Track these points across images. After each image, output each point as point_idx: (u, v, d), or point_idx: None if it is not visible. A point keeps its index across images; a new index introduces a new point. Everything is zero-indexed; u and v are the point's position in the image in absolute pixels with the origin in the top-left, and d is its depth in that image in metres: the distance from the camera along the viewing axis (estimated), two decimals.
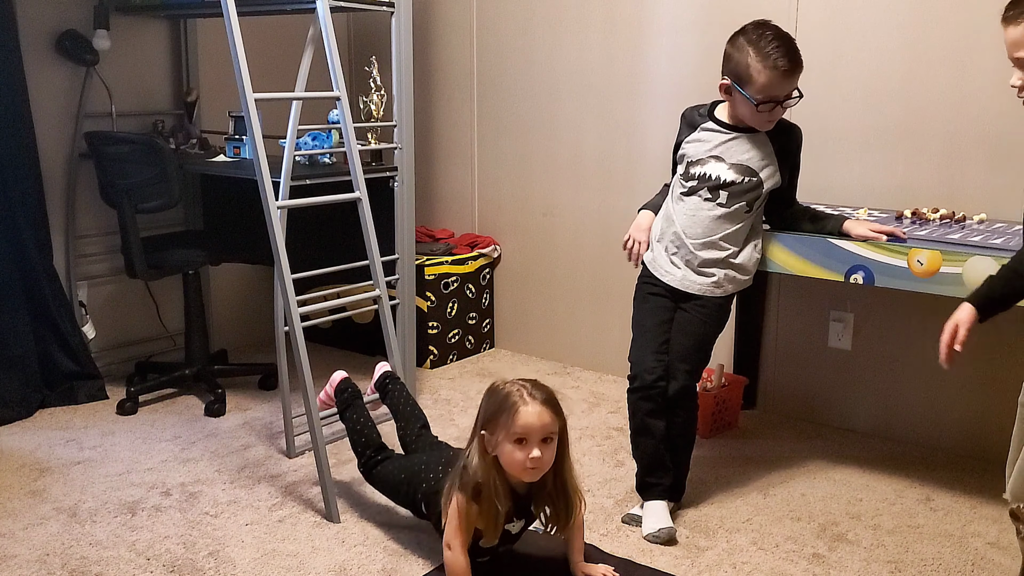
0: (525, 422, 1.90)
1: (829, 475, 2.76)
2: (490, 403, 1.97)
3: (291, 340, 2.48)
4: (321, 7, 2.63)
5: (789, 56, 2.26)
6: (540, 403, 1.93)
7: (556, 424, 1.95)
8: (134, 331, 3.66)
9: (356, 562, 2.24)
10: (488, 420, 1.95)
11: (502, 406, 1.93)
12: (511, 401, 1.92)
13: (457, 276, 3.81)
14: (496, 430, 1.93)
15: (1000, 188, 2.73)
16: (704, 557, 2.28)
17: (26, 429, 3.07)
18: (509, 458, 1.93)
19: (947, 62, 2.78)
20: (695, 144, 2.44)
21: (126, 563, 2.22)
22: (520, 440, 1.91)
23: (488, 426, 1.95)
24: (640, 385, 2.39)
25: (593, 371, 3.71)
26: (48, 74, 3.26)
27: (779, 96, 2.29)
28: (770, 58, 2.24)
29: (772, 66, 2.24)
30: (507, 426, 1.91)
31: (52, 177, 3.31)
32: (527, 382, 1.97)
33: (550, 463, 1.96)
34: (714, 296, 2.42)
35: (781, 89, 2.29)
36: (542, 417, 1.92)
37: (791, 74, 2.27)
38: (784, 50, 2.26)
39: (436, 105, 4.03)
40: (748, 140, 2.39)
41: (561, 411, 1.98)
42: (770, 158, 2.39)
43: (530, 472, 1.94)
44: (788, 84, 2.29)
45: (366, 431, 2.43)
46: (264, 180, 2.42)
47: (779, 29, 2.30)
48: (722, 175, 2.38)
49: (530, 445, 1.91)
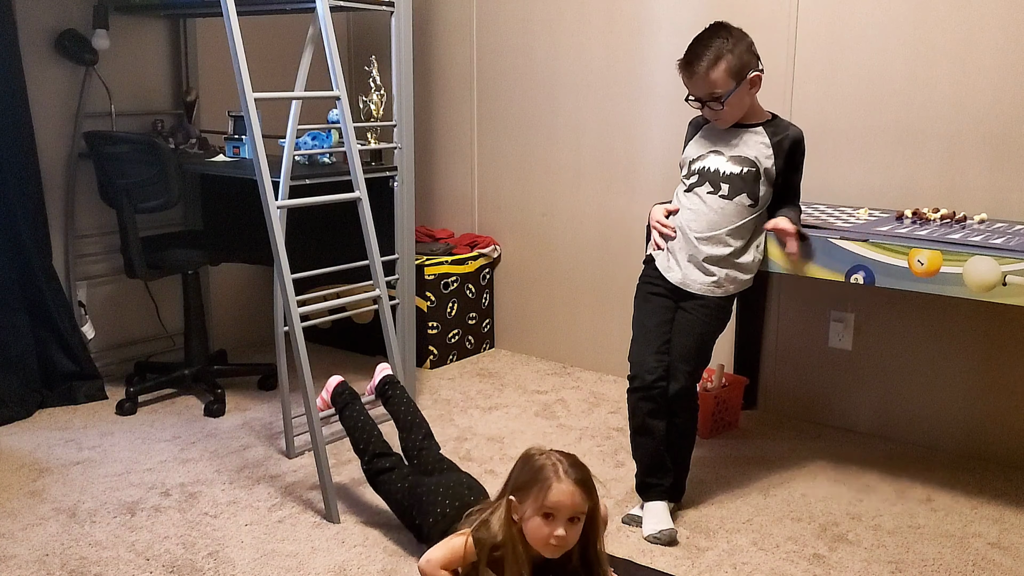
0: (556, 500, 1.86)
1: (830, 475, 2.76)
2: (523, 471, 1.94)
3: (291, 340, 2.48)
4: (321, 7, 2.62)
5: (690, 57, 2.33)
6: (573, 482, 1.89)
7: (586, 504, 1.91)
8: (133, 331, 3.65)
9: (356, 563, 2.23)
10: (519, 488, 1.92)
11: (535, 478, 1.89)
12: (544, 475, 1.88)
13: (457, 276, 3.80)
14: (525, 500, 1.90)
15: (1001, 188, 2.73)
16: (704, 558, 2.27)
17: (25, 429, 3.06)
18: (534, 531, 1.90)
19: (948, 62, 2.78)
20: (697, 143, 2.48)
21: (125, 563, 2.22)
22: (548, 515, 1.88)
23: (518, 494, 1.92)
24: (640, 385, 2.38)
25: (593, 371, 3.71)
26: (47, 74, 3.25)
27: (697, 95, 2.35)
28: (682, 59, 2.36)
29: (678, 67, 2.37)
30: (537, 499, 1.88)
31: (51, 177, 3.30)
32: (564, 457, 1.93)
33: (573, 543, 1.93)
34: (714, 296, 2.42)
35: (691, 88, 2.36)
36: (574, 497, 1.87)
37: (686, 73, 2.34)
38: (690, 53, 2.34)
39: (436, 105, 4.02)
40: (746, 133, 2.41)
41: (595, 491, 1.94)
42: (768, 150, 2.40)
43: (552, 549, 1.91)
44: (692, 85, 2.35)
45: (367, 429, 2.43)
46: (264, 180, 2.42)
47: (706, 32, 2.35)
48: (721, 167, 2.39)
49: (557, 522, 1.88)
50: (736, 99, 2.33)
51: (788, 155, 2.42)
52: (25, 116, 3.12)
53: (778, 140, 2.40)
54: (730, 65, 2.29)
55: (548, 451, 1.95)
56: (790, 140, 2.42)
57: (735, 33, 2.33)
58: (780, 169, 2.41)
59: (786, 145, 2.41)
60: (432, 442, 2.45)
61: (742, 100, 2.36)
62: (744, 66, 2.32)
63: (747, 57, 2.32)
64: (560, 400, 3.38)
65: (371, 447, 2.39)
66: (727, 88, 2.31)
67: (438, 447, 2.45)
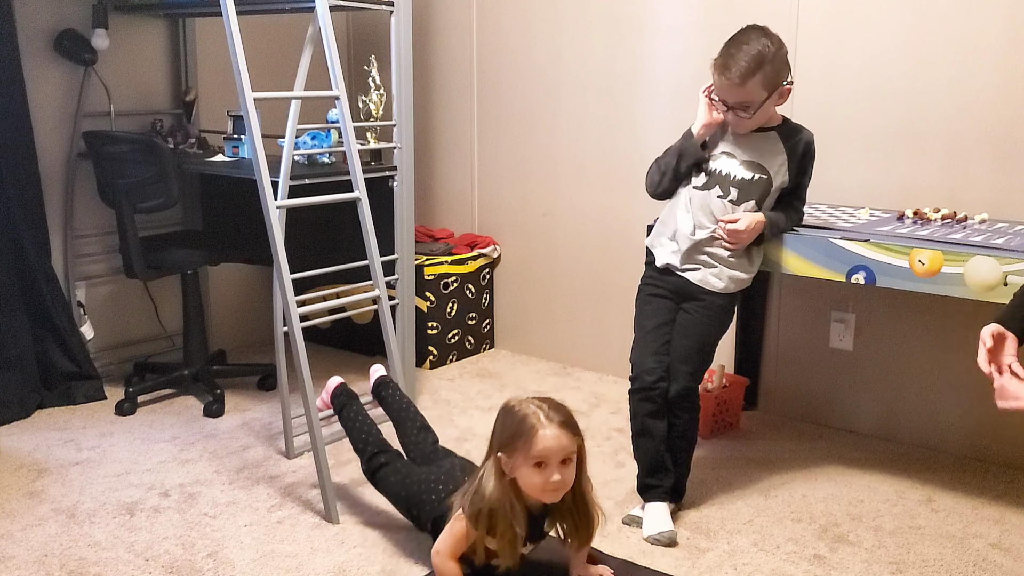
0: (545, 446, 1.86)
1: (830, 476, 2.75)
2: (506, 425, 1.93)
3: (290, 340, 2.47)
4: (320, 6, 2.62)
5: (728, 62, 2.26)
6: (558, 425, 1.89)
7: (574, 444, 1.91)
8: (132, 331, 3.65)
9: (355, 563, 2.23)
10: (505, 443, 1.91)
11: (519, 430, 1.89)
12: (528, 424, 1.88)
13: (457, 276, 3.80)
14: (514, 454, 1.89)
15: (1002, 188, 2.73)
16: (705, 558, 2.27)
17: (24, 430, 3.06)
18: (528, 482, 1.90)
19: (949, 62, 2.77)
20: (710, 138, 2.45)
21: (125, 564, 2.21)
22: (539, 463, 1.88)
23: (505, 449, 1.91)
24: (640, 386, 2.38)
25: (594, 371, 3.70)
26: (47, 73, 3.25)
27: (727, 100, 2.30)
28: (718, 60, 2.29)
29: (712, 66, 2.30)
30: (525, 450, 1.87)
31: (50, 177, 3.30)
32: (543, 402, 1.93)
33: (571, 483, 1.93)
34: (714, 292, 2.41)
35: (721, 91, 2.30)
36: (560, 440, 1.87)
37: (722, 77, 2.27)
38: (727, 56, 2.26)
39: (436, 105, 4.02)
40: (760, 139, 2.40)
41: (579, 430, 1.94)
42: (781, 156, 2.39)
43: (550, 494, 1.91)
44: (723, 89, 2.29)
45: (365, 428, 2.42)
46: (263, 180, 2.41)
47: (746, 35, 2.28)
48: (734, 171, 2.38)
49: (550, 468, 1.87)
50: (763, 110, 2.32)
51: (800, 159, 2.41)
52: (24, 116, 3.12)
53: (791, 145, 2.39)
54: (766, 76, 2.25)
55: (526, 399, 1.95)
56: (803, 144, 2.41)
57: (775, 41, 2.28)
58: (792, 175, 2.41)
59: (800, 149, 2.40)
60: (427, 434, 2.43)
61: (768, 110, 2.34)
62: (779, 78, 2.29)
63: (783, 69, 2.30)
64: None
65: (369, 446, 2.38)
66: (759, 99, 2.28)
67: (435, 438, 2.44)
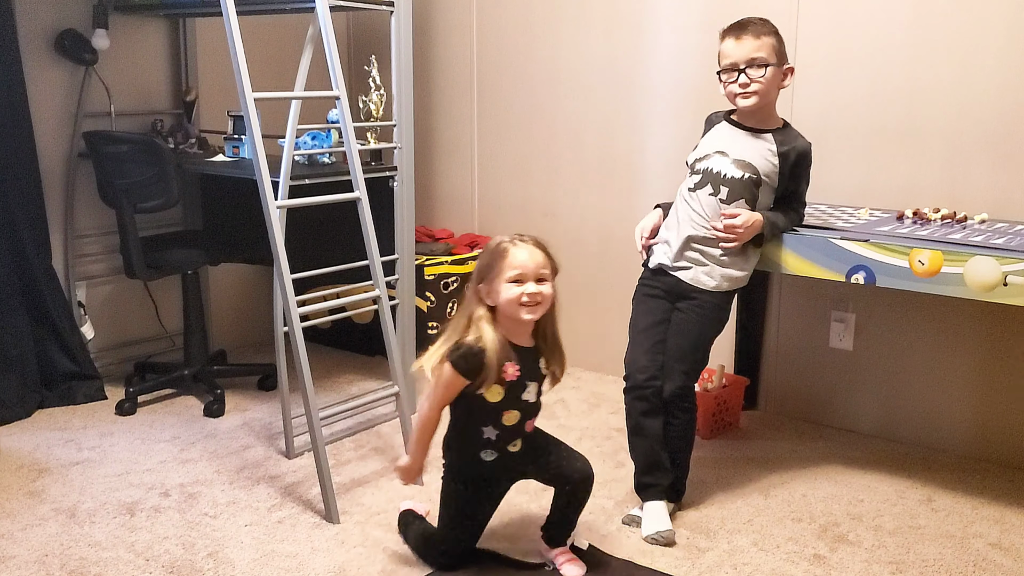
0: (519, 261, 1.99)
1: (830, 476, 2.75)
2: (483, 257, 2.05)
3: (290, 340, 2.48)
4: (321, 6, 2.62)
5: (742, 22, 2.35)
6: (532, 244, 2.03)
7: (549, 265, 2.04)
8: (133, 331, 3.65)
9: (355, 563, 2.23)
10: (482, 274, 2.02)
11: (495, 253, 2.01)
12: (502, 247, 2.01)
13: (457, 276, 3.80)
14: (491, 278, 2.00)
15: (1002, 188, 2.73)
16: (705, 558, 2.27)
17: (25, 430, 3.06)
18: (506, 299, 1.99)
19: (948, 61, 2.78)
20: (706, 141, 2.48)
21: (125, 564, 2.21)
22: (515, 281, 1.99)
23: (483, 278, 2.02)
24: (633, 385, 2.39)
25: (593, 371, 3.70)
26: (47, 73, 3.25)
27: (739, 62, 2.33)
28: (728, 28, 2.38)
29: (722, 35, 2.38)
30: (501, 269, 1.99)
31: (51, 177, 3.30)
32: (518, 234, 2.05)
33: (549, 301, 2.04)
34: (707, 290, 2.41)
35: (735, 51, 2.34)
36: (534, 255, 2.01)
37: (735, 34, 2.34)
38: (739, 22, 2.36)
39: (436, 105, 4.02)
40: (754, 139, 2.40)
41: (552, 257, 2.05)
42: (773, 161, 2.39)
43: (528, 308, 2.01)
44: (738, 47, 2.34)
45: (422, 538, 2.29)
46: (263, 180, 2.42)
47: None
48: (724, 170, 2.38)
49: (526, 282, 2.00)
50: (773, 77, 2.35)
51: (793, 166, 2.41)
52: (25, 116, 3.12)
53: (785, 151, 2.39)
54: (778, 41, 2.36)
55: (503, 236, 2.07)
56: (796, 152, 2.41)
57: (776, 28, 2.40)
58: (784, 179, 2.41)
59: (792, 157, 2.40)
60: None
61: (775, 83, 2.37)
62: (784, 52, 2.39)
63: (785, 50, 2.39)
64: (560, 400, 3.38)
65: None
66: (771, 59, 2.33)
67: None
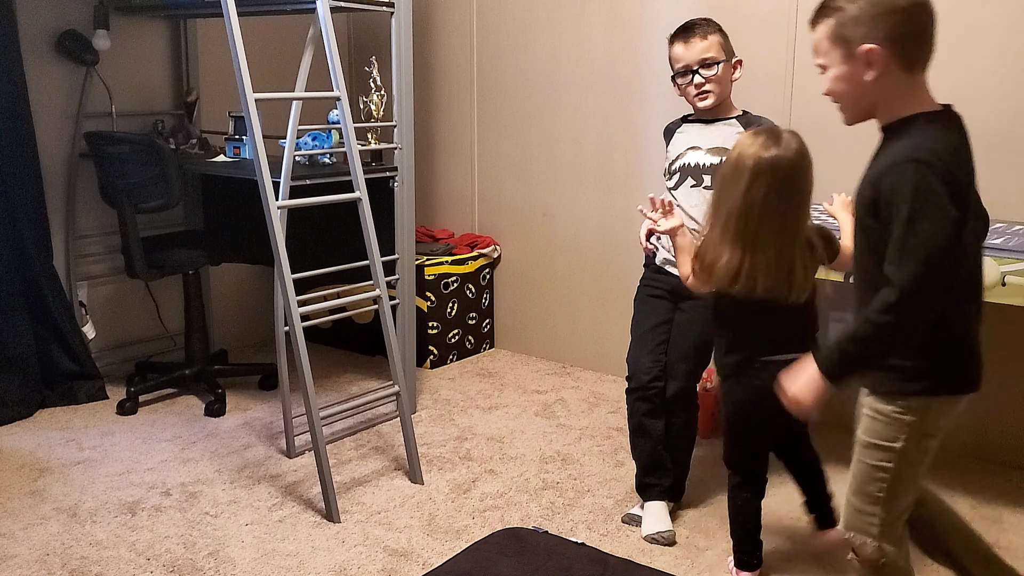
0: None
1: (830, 475, 2.75)
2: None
3: (291, 340, 2.48)
4: (321, 7, 2.63)
5: (687, 25, 2.40)
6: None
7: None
8: (134, 331, 3.66)
9: (356, 562, 2.24)
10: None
11: None
12: None
13: (457, 276, 3.81)
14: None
15: (1000, 189, 2.73)
16: (704, 557, 2.28)
17: (26, 429, 3.07)
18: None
19: (946, 62, 2.76)
20: (674, 144, 2.51)
21: (126, 563, 2.22)
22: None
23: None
24: (636, 386, 2.39)
25: (593, 371, 3.71)
26: (48, 74, 3.26)
27: (691, 64, 2.37)
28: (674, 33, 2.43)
29: (670, 40, 2.43)
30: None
31: (52, 177, 3.31)
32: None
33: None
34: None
35: (685, 55, 2.38)
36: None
37: (682, 38, 2.39)
38: (683, 26, 2.41)
39: (436, 105, 4.03)
40: (721, 126, 2.44)
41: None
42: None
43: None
44: (687, 50, 2.38)
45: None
46: (264, 180, 2.42)
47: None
48: (700, 160, 2.41)
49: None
50: (725, 73, 2.39)
51: None
52: (26, 116, 3.13)
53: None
54: (722, 40, 2.40)
55: None
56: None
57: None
58: None
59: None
60: None
61: (728, 77, 2.41)
62: (731, 47, 2.42)
63: (731, 44, 2.43)
64: (560, 400, 3.39)
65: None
66: (720, 56, 2.37)
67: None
